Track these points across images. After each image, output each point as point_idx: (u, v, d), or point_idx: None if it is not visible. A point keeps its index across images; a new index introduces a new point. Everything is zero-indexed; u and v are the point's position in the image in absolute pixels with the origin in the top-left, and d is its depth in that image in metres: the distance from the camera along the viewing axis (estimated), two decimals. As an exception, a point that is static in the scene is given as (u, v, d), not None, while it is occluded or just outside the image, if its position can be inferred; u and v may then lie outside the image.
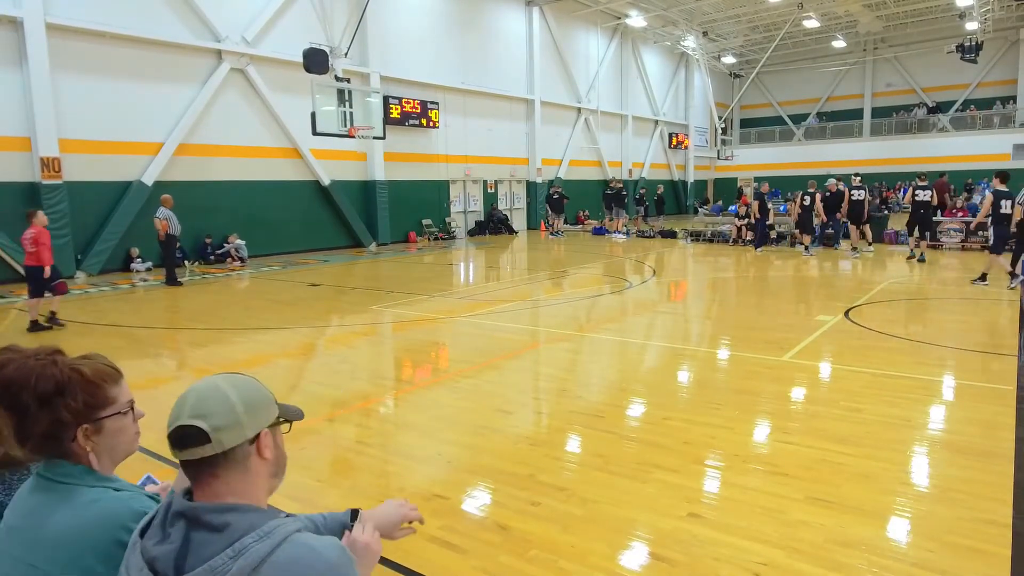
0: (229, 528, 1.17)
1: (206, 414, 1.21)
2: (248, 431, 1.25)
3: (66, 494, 1.39)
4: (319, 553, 1.16)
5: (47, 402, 1.37)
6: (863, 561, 2.92)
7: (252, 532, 1.16)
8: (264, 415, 1.29)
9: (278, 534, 1.16)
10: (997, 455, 4.06)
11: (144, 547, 1.21)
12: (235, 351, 7.52)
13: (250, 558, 1.12)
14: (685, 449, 4.27)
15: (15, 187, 13.28)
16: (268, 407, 1.31)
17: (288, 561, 1.13)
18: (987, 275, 10.89)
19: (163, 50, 15.33)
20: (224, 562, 1.12)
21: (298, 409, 1.41)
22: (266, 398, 1.31)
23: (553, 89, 27.21)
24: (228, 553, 1.13)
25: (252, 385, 1.30)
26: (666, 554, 3.03)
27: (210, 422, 1.20)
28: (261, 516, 1.20)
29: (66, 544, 1.33)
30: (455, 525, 3.35)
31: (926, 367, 6.15)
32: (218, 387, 1.25)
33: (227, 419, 1.22)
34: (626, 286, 11.93)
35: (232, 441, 1.22)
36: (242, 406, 1.24)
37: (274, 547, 1.14)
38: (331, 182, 19.05)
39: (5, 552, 1.37)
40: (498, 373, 6.32)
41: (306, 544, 1.16)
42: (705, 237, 20.32)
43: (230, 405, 1.23)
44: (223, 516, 1.18)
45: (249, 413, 1.25)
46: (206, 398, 1.23)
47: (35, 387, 1.36)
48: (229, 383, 1.27)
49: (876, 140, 35.28)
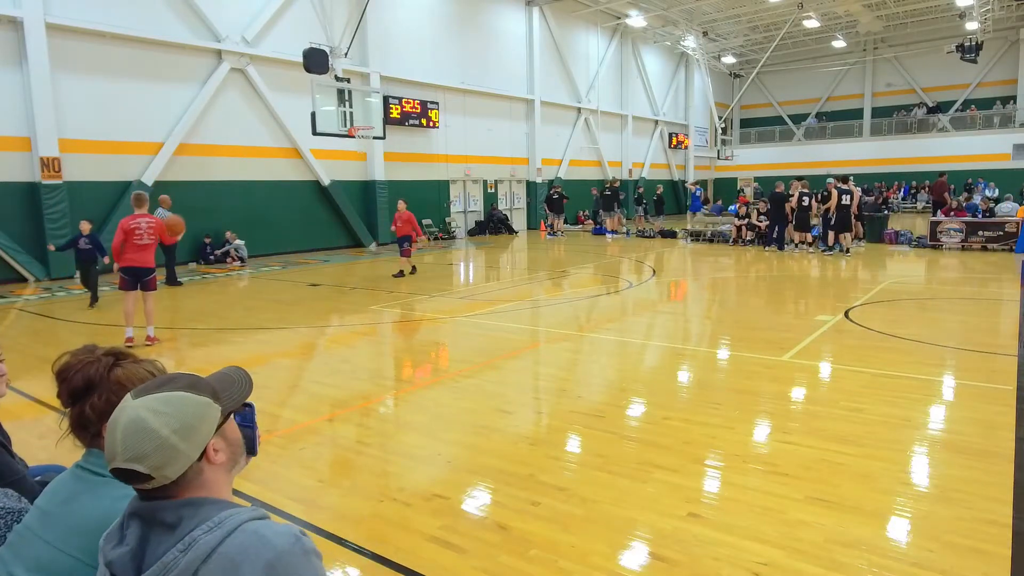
0: (181, 524, 1.15)
1: (139, 457, 1.14)
2: (192, 454, 1.18)
3: (100, 486, 1.47)
4: (268, 540, 1.13)
5: (77, 396, 1.54)
6: (863, 561, 2.92)
7: (202, 525, 1.14)
8: (204, 430, 1.20)
9: (228, 524, 1.14)
10: (997, 455, 4.06)
11: (104, 552, 1.20)
12: (235, 351, 7.52)
13: (199, 551, 1.11)
14: (685, 449, 4.27)
15: (15, 187, 13.29)
16: (207, 418, 1.21)
17: (237, 550, 1.11)
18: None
19: (163, 50, 15.33)
20: (175, 556, 1.11)
21: (244, 379, 1.33)
22: (202, 410, 1.20)
23: (553, 89, 27.20)
24: (179, 547, 1.12)
25: (182, 404, 1.18)
26: (666, 554, 3.03)
27: (147, 463, 1.14)
28: (214, 508, 1.18)
29: (95, 532, 1.38)
30: (455, 525, 3.35)
31: (926, 367, 6.15)
32: (144, 423, 1.15)
33: (164, 456, 1.15)
34: (626, 286, 11.93)
35: (177, 472, 1.17)
36: (176, 436, 1.16)
37: (223, 538, 1.12)
38: (331, 182, 19.05)
39: (37, 536, 1.45)
40: (498, 373, 6.32)
41: (256, 532, 1.14)
42: (705, 237, 20.32)
43: (162, 440, 1.15)
44: (177, 512, 1.17)
45: (187, 439, 1.17)
46: (135, 438, 1.14)
47: (70, 381, 1.55)
48: (155, 412, 1.16)
49: (876, 140, 35.28)
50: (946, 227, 16.57)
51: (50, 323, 9.28)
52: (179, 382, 1.22)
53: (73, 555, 1.40)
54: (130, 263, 7.61)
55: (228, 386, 1.28)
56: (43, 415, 5.19)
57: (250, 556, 1.11)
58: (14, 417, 5.08)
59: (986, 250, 15.79)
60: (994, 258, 14.66)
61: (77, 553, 1.40)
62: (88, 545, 1.40)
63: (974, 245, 16.07)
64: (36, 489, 1.82)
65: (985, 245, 15.93)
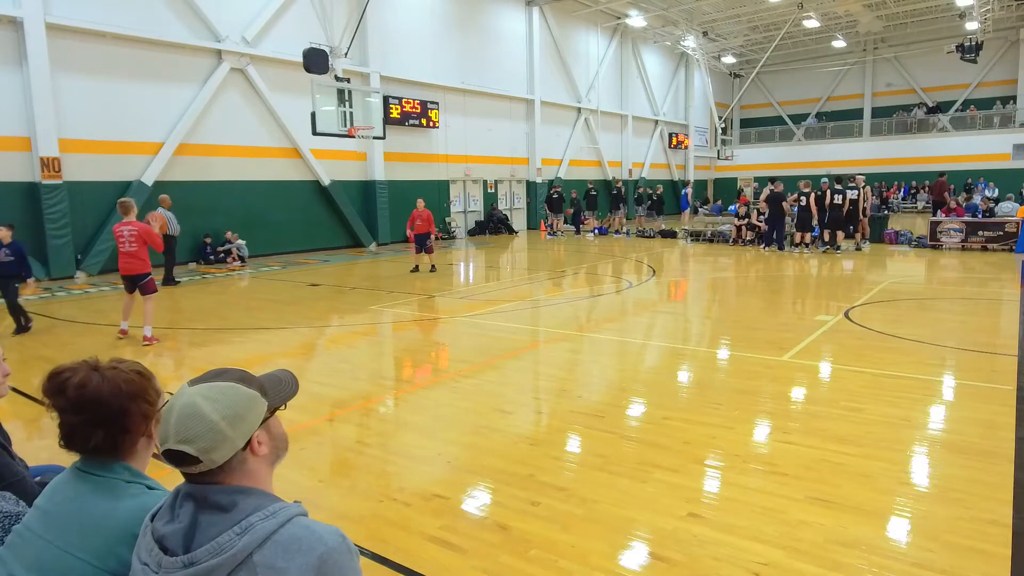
0: (236, 508, 1.22)
1: (190, 439, 1.21)
2: (238, 442, 1.26)
3: (104, 487, 1.48)
4: (320, 536, 1.20)
5: (78, 408, 1.50)
6: (863, 561, 2.92)
7: (258, 511, 1.21)
8: (251, 420, 1.28)
9: (282, 515, 1.22)
10: (997, 455, 4.06)
11: (154, 528, 1.27)
12: (235, 351, 7.52)
13: (256, 535, 1.18)
14: (685, 449, 4.27)
15: (15, 187, 13.28)
16: (254, 410, 1.29)
17: (290, 540, 1.18)
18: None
19: (163, 50, 15.32)
20: (231, 538, 1.18)
21: (290, 381, 1.41)
22: (250, 402, 1.28)
23: (553, 89, 27.20)
24: (235, 530, 1.19)
25: (233, 394, 1.27)
26: (666, 554, 3.03)
27: (196, 446, 1.21)
28: (266, 498, 1.26)
29: (101, 534, 1.41)
30: (455, 525, 3.35)
31: (926, 367, 6.15)
32: (197, 407, 1.23)
33: (213, 440, 1.22)
34: (626, 286, 11.93)
35: (223, 457, 1.24)
36: (225, 423, 1.24)
37: (277, 527, 1.19)
38: (331, 182, 19.05)
39: (36, 535, 1.45)
40: (498, 373, 6.32)
41: (307, 527, 1.22)
42: (705, 237, 20.32)
43: (212, 425, 1.22)
44: (230, 497, 1.24)
45: (234, 427, 1.25)
46: (187, 421, 1.22)
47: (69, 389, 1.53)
48: (208, 399, 1.24)
49: (876, 140, 35.27)
50: (946, 227, 16.57)
51: (50, 323, 9.28)
52: (231, 375, 1.31)
53: (75, 554, 1.40)
54: (121, 270, 8.05)
55: (275, 385, 1.36)
56: (43, 415, 5.19)
57: (303, 547, 1.18)
58: (14, 417, 5.08)
59: (986, 250, 15.79)
60: (994, 258, 14.66)
61: (79, 552, 1.40)
62: (90, 544, 1.40)
63: (974, 245, 16.07)
64: (36, 490, 1.82)
65: (985, 245, 15.93)
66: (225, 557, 1.16)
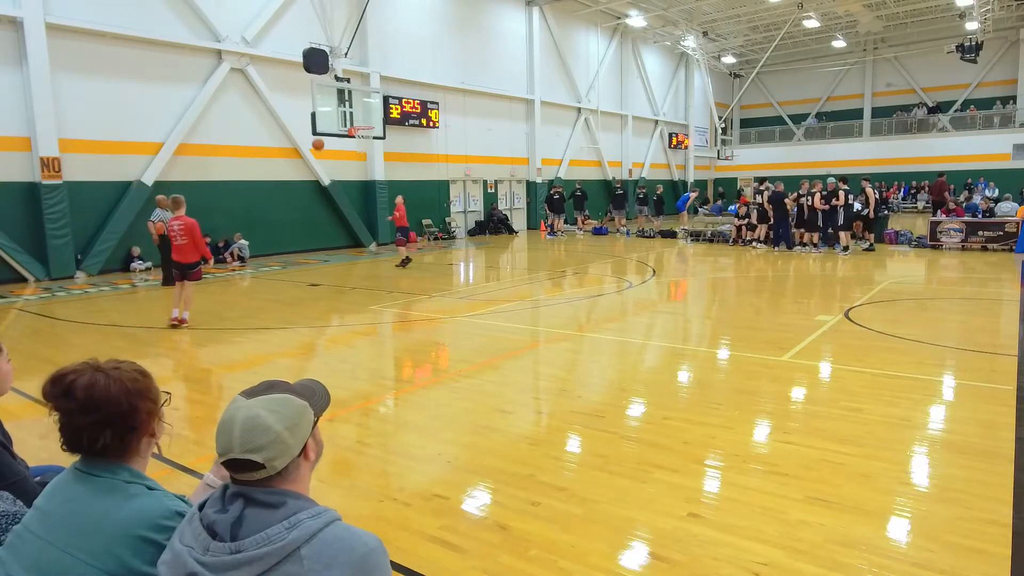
0: (285, 506, 1.32)
1: (257, 448, 1.31)
2: (296, 450, 1.36)
3: (105, 487, 1.49)
4: (360, 538, 1.32)
5: (88, 409, 1.51)
6: (863, 561, 2.92)
7: (304, 511, 1.32)
8: (305, 428, 1.38)
9: (326, 516, 1.32)
10: (997, 455, 4.06)
11: (204, 514, 1.35)
12: (235, 351, 7.52)
13: (304, 530, 1.28)
14: (685, 449, 4.27)
15: (15, 187, 13.29)
16: (307, 419, 1.39)
17: (335, 539, 1.29)
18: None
19: (163, 50, 15.32)
20: (280, 531, 1.28)
21: (324, 392, 1.51)
22: (304, 412, 1.38)
23: (553, 89, 27.20)
24: (285, 524, 1.28)
25: (290, 406, 1.37)
26: (666, 554, 3.03)
27: (263, 455, 1.31)
28: (309, 501, 1.37)
29: (101, 534, 1.41)
30: (455, 525, 3.35)
31: (926, 367, 6.15)
32: (262, 419, 1.32)
33: (277, 449, 1.33)
34: (626, 286, 11.93)
35: (283, 464, 1.35)
36: (287, 432, 1.34)
37: (324, 525, 1.30)
38: (331, 182, 19.05)
39: (36, 536, 1.46)
40: (498, 373, 6.32)
41: (348, 529, 1.33)
42: (705, 237, 20.32)
43: (276, 435, 1.32)
44: (279, 496, 1.34)
45: (294, 435, 1.35)
46: (253, 432, 1.31)
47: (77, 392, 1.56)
48: (270, 411, 1.34)
49: (876, 140, 35.27)
50: (946, 227, 16.57)
51: (50, 323, 9.28)
52: (281, 387, 1.40)
53: (74, 555, 1.40)
54: (173, 259, 8.85)
55: (311, 395, 1.45)
56: (43, 415, 5.17)
57: (347, 547, 1.28)
58: (14, 417, 5.08)
59: (986, 250, 15.79)
60: (994, 258, 14.66)
61: (78, 553, 1.40)
62: (89, 545, 1.40)
63: (974, 245, 16.07)
64: (37, 490, 1.82)
65: (985, 245, 15.92)
66: (275, 548, 1.25)
